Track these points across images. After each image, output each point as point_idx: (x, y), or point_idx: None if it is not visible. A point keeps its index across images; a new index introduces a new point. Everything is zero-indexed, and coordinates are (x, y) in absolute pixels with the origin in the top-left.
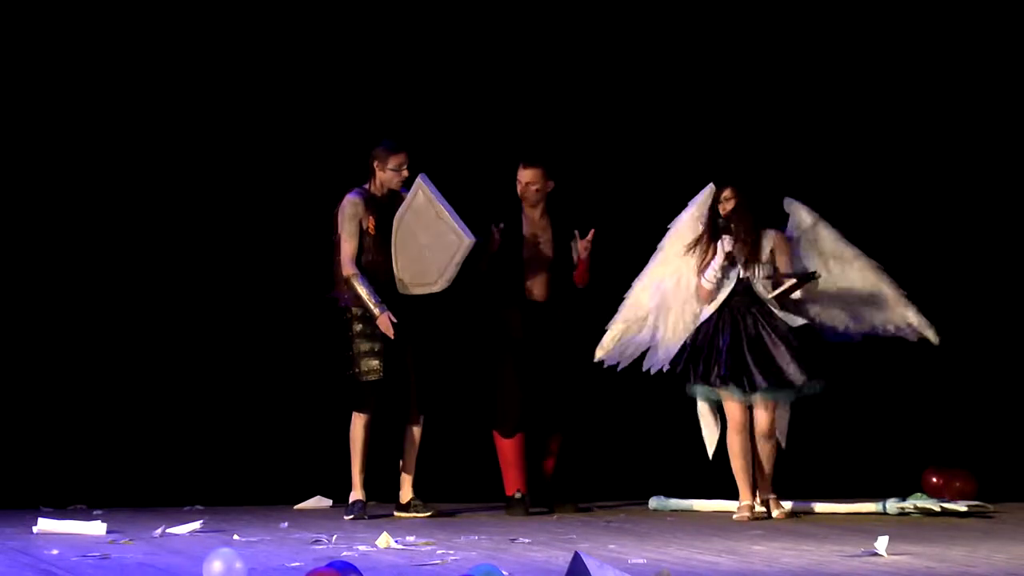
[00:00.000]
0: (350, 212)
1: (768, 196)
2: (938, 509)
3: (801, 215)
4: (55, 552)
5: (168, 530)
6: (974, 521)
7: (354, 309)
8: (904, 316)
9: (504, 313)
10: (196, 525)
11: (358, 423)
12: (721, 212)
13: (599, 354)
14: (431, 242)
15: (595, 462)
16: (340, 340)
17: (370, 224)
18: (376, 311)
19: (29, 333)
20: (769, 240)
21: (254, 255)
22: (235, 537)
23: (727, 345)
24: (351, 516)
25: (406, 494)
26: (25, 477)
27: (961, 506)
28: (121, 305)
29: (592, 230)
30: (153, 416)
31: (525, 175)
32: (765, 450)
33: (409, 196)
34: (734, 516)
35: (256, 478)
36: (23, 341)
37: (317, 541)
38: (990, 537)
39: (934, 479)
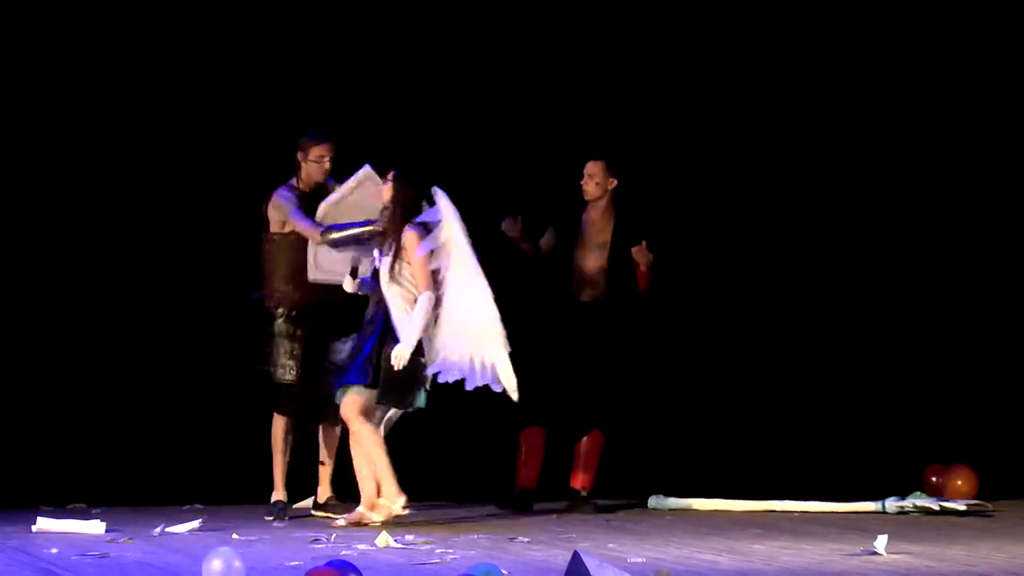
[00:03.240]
0: (290, 205)
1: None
2: (937, 508)
3: (440, 205)
4: (54, 551)
5: (167, 529)
6: (973, 520)
7: (280, 309)
8: (494, 355)
9: (546, 311)
10: (195, 524)
11: (278, 424)
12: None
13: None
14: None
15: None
16: (261, 337)
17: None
18: (370, 226)
19: (28, 333)
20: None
21: (253, 257)
22: (234, 536)
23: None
24: (271, 516)
25: (325, 492)
26: (24, 476)
27: (960, 505)
28: (120, 305)
29: (644, 241)
30: (153, 416)
31: (587, 168)
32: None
33: (349, 185)
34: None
35: (255, 477)
36: (23, 341)
37: (316, 540)
38: (989, 535)
39: (934, 479)
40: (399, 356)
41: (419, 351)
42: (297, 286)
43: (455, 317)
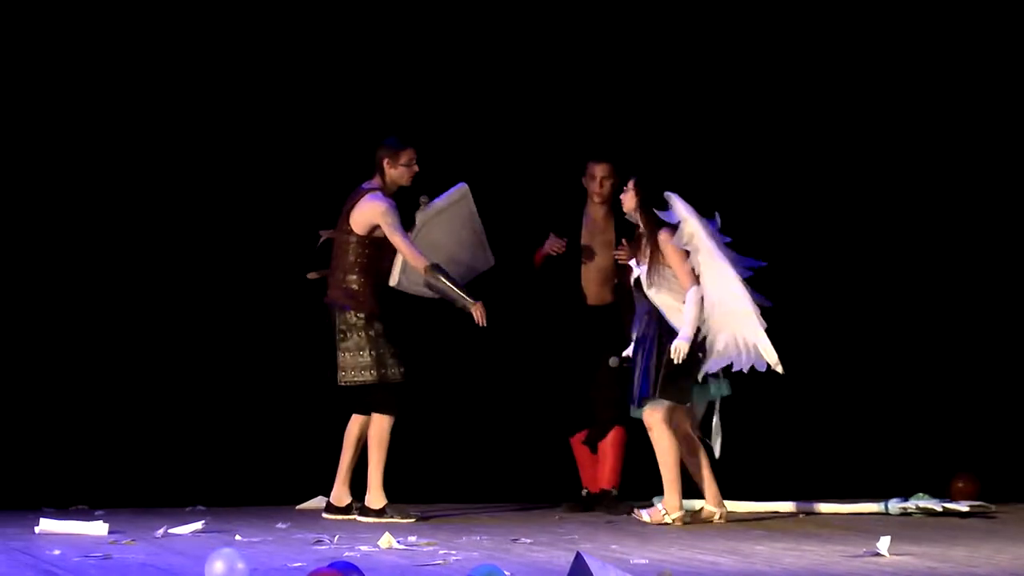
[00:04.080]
0: (395, 215)
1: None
2: (940, 509)
3: (675, 207)
4: (57, 552)
5: (170, 530)
6: (976, 521)
7: (364, 314)
8: (752, 334)
9: (557, 315)
10: (198, 525)
11: (385, 424)
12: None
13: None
14: (455, 252)
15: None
16: (327, 343)
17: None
18: (471, 299)
19: (29, 333)
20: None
21: (254, 256)
22: (237, 537)
23: None
24: (409, 518)
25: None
26: (27, 478)
27: (963, 506)
28: (121, 305)
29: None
30: (154, 416)
31: (599, 170)
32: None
33: (447, 200)
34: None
35: (257, 478)
36: (23, 341)
37: (319, 541)
38: (992, 537)
39: (960, 484)
40: (678, 349)
41: (695, 347)
42: (384, 291)
43: (716, 309)
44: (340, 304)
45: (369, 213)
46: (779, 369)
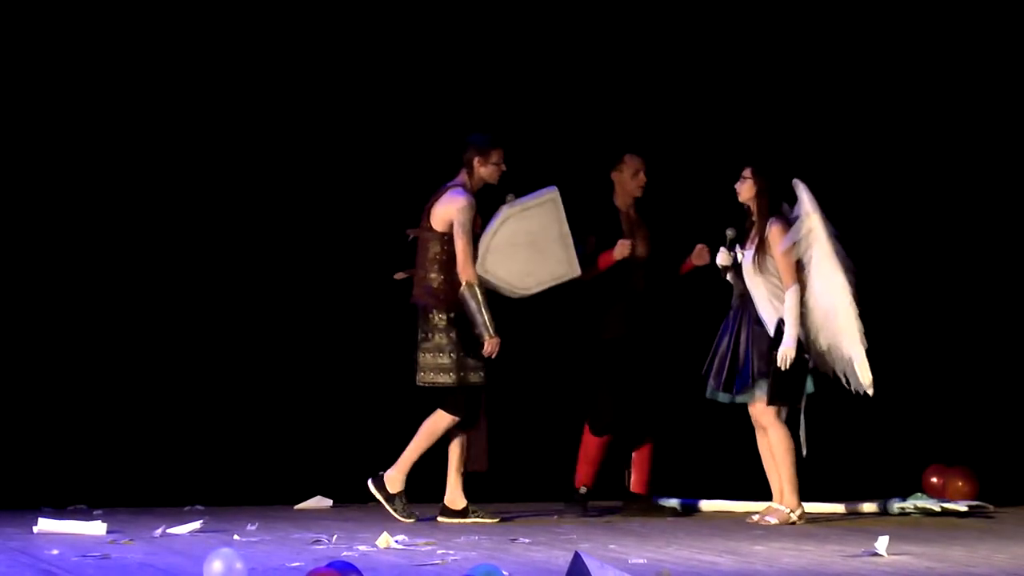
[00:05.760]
0: (471, 215)
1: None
2: (938, 509)
3: (802, 198)
4: (55, 552)
5: (168, 530)
6: (974, 521)
7: (439, 314)
8: (851, 350)
9: (611, 310)
10: (196, 525)
11: (444, 423)
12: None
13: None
14: (533, 254)
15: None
16: (431, 344)
17: (477, 224)
18: (492, 331)
19: (29, 333)
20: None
21: (252, 255)
22: (235, 537)
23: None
24: (410, 518)
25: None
26: (25, 477)
27: (961, 506)
28: (121, 305)
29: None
30: (153, 416)
31: (641, 163)
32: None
33: (534, 200)
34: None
35: (256, 478)
36: (23, 341)
37: (317, 541)
38: (990, 537)
39: (934, 479)
40: (785, 356)
41: (799, 347)
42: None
43: (817, 310)
44: (422, 303)
45: (449, 208)
46: (870, 392)
